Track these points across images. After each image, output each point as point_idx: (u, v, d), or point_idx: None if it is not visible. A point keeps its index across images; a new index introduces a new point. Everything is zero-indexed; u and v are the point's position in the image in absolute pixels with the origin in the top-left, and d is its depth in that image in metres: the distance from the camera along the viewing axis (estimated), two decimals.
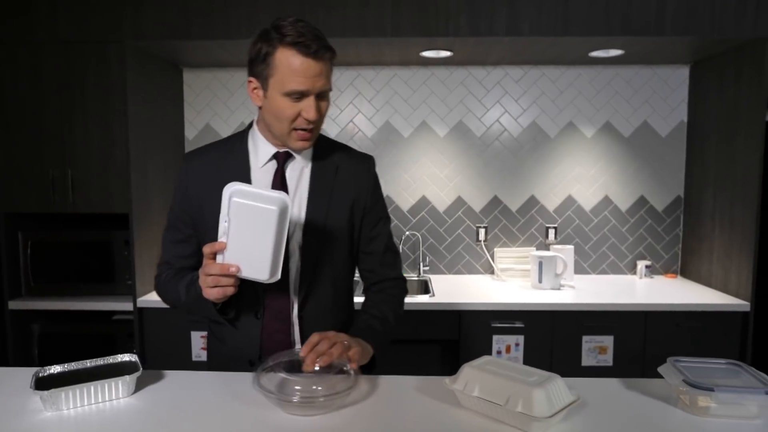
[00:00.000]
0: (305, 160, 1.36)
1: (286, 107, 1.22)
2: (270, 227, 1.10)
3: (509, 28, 2.51)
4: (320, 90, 1.22)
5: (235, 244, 1.12)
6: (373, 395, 1.15)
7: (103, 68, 2.58)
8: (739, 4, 2.48)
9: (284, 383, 1.09)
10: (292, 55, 1.18)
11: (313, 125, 1.26)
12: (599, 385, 1.21)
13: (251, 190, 1.12)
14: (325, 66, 1.22)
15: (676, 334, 2.59)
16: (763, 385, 1.03)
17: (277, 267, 1.14)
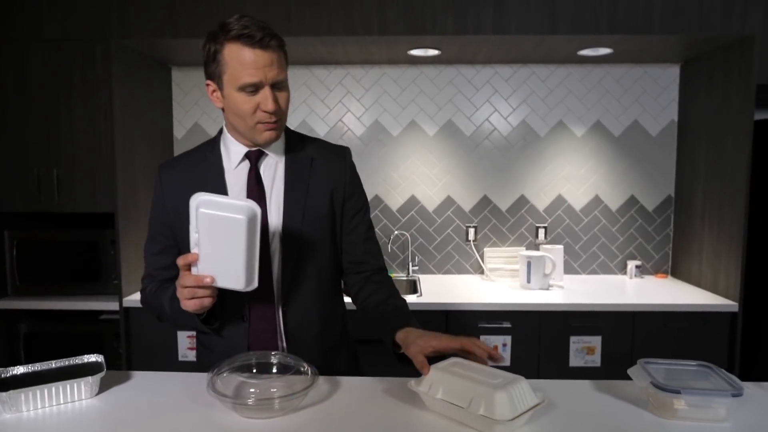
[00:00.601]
0: (278, 156, 1.36)
1: (243, 102, 1.22)
2: (240, 236, 1.09)
3: (496, 26, 2.50)
4: (274, 80, 1.22)
5: (208, 254, 1.11)
6: (333, 396, 1.14)
7: (89, 67, 2.57)
8: (726, 3, 2.47)
9: (241, 386, 1.07)
10: (238, 49, 1.19)
11: (276, 116, 1.25)
12: (570, 387, 1.20)
13: (218, 200, 1.10)
14: (274, 55, 1.21)
15: (664, 334, 2.57)
16: (731, 388, 1.02)
17: (252, 275, 1.13)
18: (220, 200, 1.10)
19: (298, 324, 1.34)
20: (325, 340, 1.39)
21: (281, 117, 1.27)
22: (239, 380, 1.08)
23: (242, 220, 1.08)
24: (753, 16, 2.47)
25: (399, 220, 3.19)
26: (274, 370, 1.11)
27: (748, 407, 1.09)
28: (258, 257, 1.14)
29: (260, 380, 1.08)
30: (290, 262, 1.32)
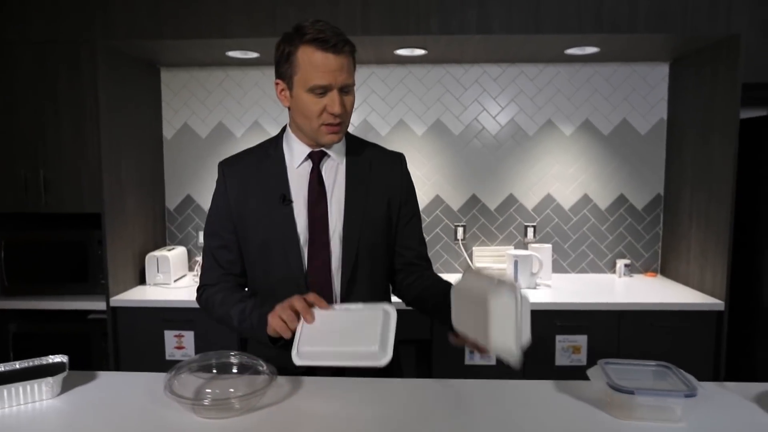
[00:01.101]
0: (339, 157, 1.39)
1: (312, 103, 1.26)
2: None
3: (480, 26, 2.50)
4: (342, 84, 1.25)
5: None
6: (292, 397, 1.15)
7: (75, 68, 2.59)
8: (711, 2, 2.46)
9: (200, 387, 1.08)
10: (312, 52, 1.23)
11: (340, 119, 1.28)
12: (531, 388, 1.20)
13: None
14: (345, 60, 1.25)
15: (650, 333, 2.57)
16: (686, 388, 1.02)
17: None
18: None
19: None
20: None
21: (345, 120, 1.31)
22: (198, 381, 1.09)
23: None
24: (738, 16, 2.46)
25: None
26: (234, 371, 1.12)
27: (706, 407, 1.09)
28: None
29: (218, 380, 1.09)
30: (349, 263, 1.35)
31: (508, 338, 1.02)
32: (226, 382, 1.09)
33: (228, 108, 3.17)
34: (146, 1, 2.53)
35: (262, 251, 1.36)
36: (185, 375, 1.10)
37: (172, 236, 3.25)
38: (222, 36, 2.55)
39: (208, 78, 3.16)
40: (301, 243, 1.33)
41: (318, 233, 1.34)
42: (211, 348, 2.65)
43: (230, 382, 1.09)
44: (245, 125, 3.18)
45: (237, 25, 2.54)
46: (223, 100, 3.17)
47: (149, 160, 3.03)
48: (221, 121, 3.18)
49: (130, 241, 2.82)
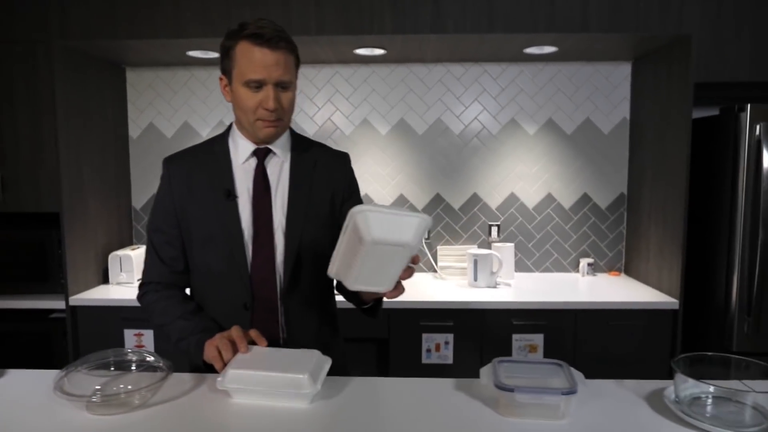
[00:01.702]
0: (284, 155, 1.42)
1: (247, 97, 1.28)
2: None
3: (434, 25, 2.51)
4: (277, 80, 1.27)
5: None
6: (194, 392, 1.16)
7: (31, 68, 2.60)
8: (662, 2, 2.46)
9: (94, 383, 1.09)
10: (248, 47, 1.26)
11: (276, 114, 1.30)
12: (425, 386, 1.21)
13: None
14: (282, 56, 1.27)
15: (607, 332, 2.57)
16: (569, 385, 1.03)
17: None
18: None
19: (297, 317, 1.41)
20: (320, 336, 1.46)
21: (282, 116, 1.33)
22: (96, 378, 1.10)
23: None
24: (689, 16, 2.47)
25: None
26: (132, 368, 1.13)
27: (595, 404, 1.10)
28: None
29: (113, 377, 1.10)
30: (291, 258, 1.38)
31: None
32: (124, 378, 1.10)
33: (193, 107, 3.18)
34: (101, 1, 2.54)
35: (206, 246, 1.38)
36: (81, 373, 1.11)
37: (138, 235, 3.26)
38: (178, 36, 2.56)
39: (173, 78, 3.17)
40: (245, 238, 1.36)
41: (262, 229, 1.36)
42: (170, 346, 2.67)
43: (129, 378, 1.10)
44: (210, 125, 3.19)
45: (193, 25, 2.55)
46: (188, 100, 3.18)
47: (114, 159, 3.04)
48: (187, 121, 3.19)
49: (92, 240, 2.84)
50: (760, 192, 2.30)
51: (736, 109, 2.36)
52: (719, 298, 2.51)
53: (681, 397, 1.05)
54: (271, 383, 1.10)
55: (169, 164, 1.42)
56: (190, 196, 1.37)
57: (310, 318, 1.44)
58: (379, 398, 1.16)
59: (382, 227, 1.03)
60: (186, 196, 1.38)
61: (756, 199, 2.32)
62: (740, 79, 2.53)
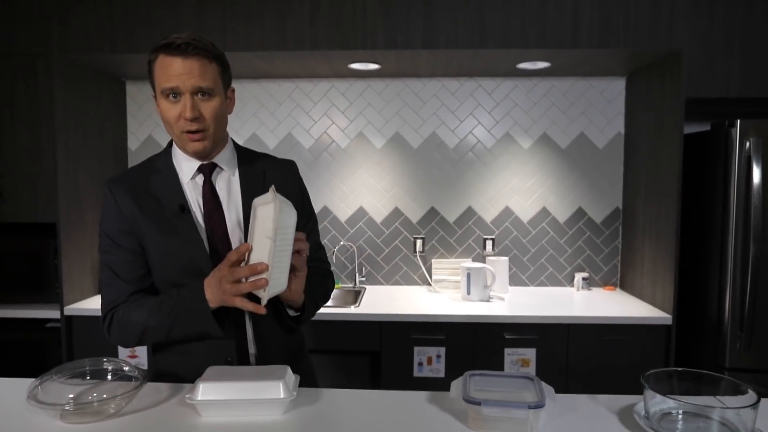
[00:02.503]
0: (231, 169, 1.40)
1: (168, 109, 1.27)
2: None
3: (426, 41, 2.54)
4: (193, 88, 1.25)
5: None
6: (169, 402, 1.17)
7: (31, 81, 2.65)
8: (652, 18, 2.48)
9: (68, 392, 1.10)
10: (162, 58, 1.26)
11: (200, 126, 1.27)
12: (400, 398, 1.21)
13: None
14: (195, 63, 1.25)
15: (598, 347, 2.57)
16: (537, 399, 1.03)
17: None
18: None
19: (265, 330, 1.38)
20: (288, 348, 1.45)
21: (207, 127, 1.29)
22: (71, 387, 1.11)
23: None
24: (679, 32, 2.48)
25: (347, 231, 3.22)
26: (108, 377, 1.14)
27: (566, 419, 1.10)
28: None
29: (87, 386, 1.11)
30: None
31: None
32: (99, 387, 1.12)
33: None
34: (100, 16, 2.59)
35: (168, 262, 1.34)
36: (56, 382, 1.12)
37: None
38: None
39: None
40: (207, 251, 1.32)
41: (219, 245, 1.34)
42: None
43: (103, 387, 1.12)
44: None
45: None
46: None
47: (112, 170, 3.08)
48: None
49: (88, 250, 2.86)
50: (750, 207, 2.30)
51: (727, 125, 2.37)
52: (712, 314, 2.50)
53: (651, 413, 1.05)
54: (245, 391, 1.10)
55: (112, 186, 1.37)
56: (141, 214, 1.33)
57: (276, 330, 1.40)
58: (351, 410, 1.16)
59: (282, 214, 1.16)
60: (137, 215, 1.33)
61: (747, 214, 2.32)
62: (731, 95, 2.54)
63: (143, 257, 1.36)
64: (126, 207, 1.34)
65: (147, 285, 1.37)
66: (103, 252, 1.37)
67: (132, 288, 1.35)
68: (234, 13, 2.57)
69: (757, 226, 2.29)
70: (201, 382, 1.12)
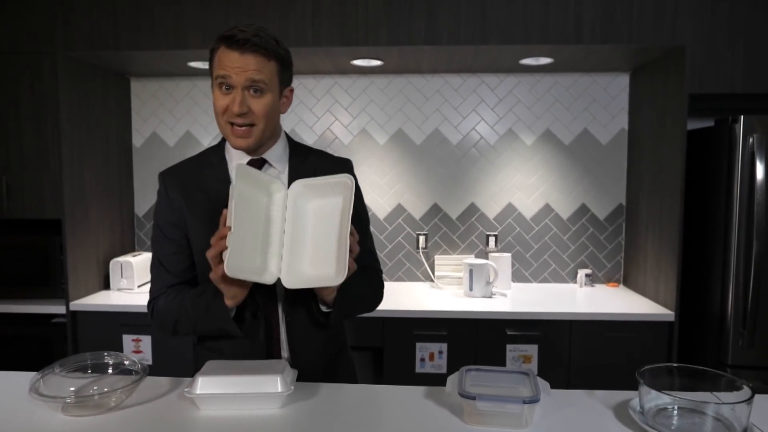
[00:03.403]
0: (281, 165, 1.40)
1: (218, 99, 1.27)
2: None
3: (427, 37, 2.54)
4: (246, 81, 1.24)
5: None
6: (169, 395, 1.18)
7: (36, 79, 2.67)
8: (656, 14, 2.47)
9: (69, 385, 1.12)
10: (222, 50, 1.26)
11: (247, 120, 1.27)
12: (398, 393, 1.22)
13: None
14: (252, 59, 1.24)
15: (601, 343, 2.56)
16: (532, 394, 1.04)
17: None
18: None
19: (301, 333, 1.36)
20: (327, 354, 1.44)
21: (255, 123, 1.28)
22: (70, 380, 1.13)
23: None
24: (683, 27, 2.47)
25: None
26: (109, 371, 1.16)
27: (562, 414, 1.10)
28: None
29: (88, 379, 1.13)
30: None
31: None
32: (100, 381, 1.13)
33: (195, 117, 3.24)
34: (105, 13, 2.61)
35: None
36: (57, 375, 1.14)
37: (140, 242, 3.32)
38: (178, 47, 2.62)
39: (176, 88, 3.23)
40: None
41: None
42: (168, 352, 2.70)
43: (104, 381, 1.13)
44: (212, 134, 3.24)
45: (192, 37, 2.61)
46: (190, 110, 3.24)
47: (117, 167, 3.10)
48: (189, 130, 3.25)
49: (94, 246, 2.89)
50: (753, 203, 2.29)
51: (730, 121, 2.36)
52: (715, 311, 2.49)
53: (645, 409, 1.05)
54: (243, 385, 1.12)
55: (165, 177, 1.40)
56: (190, 208, 1.35)
57: (313, 335, 1.38)
58: (348, 405, 1.17)
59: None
60: (185, 209, 1.36)
61: (750, 210, 2.31)
62: (735, 91, 2.52)
63: (188, 250, 1.38)
64: (176, 200, 1.37)
65: (190, 277, 1.39)
66: (153, 242, 1.42)
67: (175, 280, 1.38)
68: (237, 10, 2.58)
69: (761, 222, 2.28)
70: (200, 376, 1.13)
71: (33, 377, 1.11)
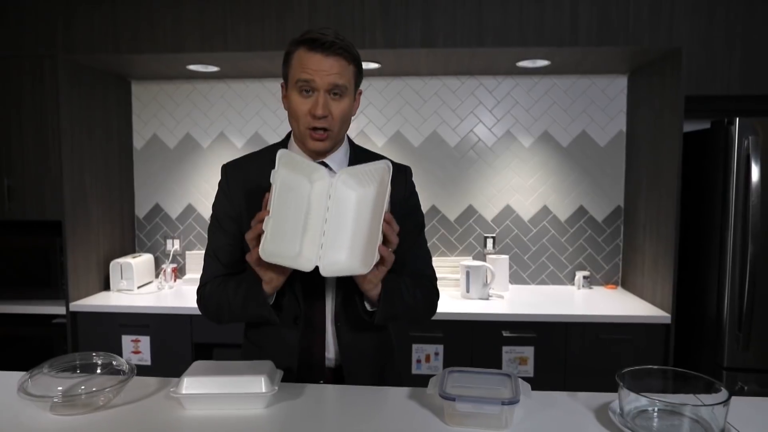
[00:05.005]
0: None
1: (299, 102, 1.26)
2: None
3: (424, 40, 2.55)
4: (329, 85, 1.24)
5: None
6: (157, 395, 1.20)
7: (38, 82, 2.71)
8: (653, 16, 2.47)
9: (57, 385, 1.14)
10: (304, 51, 1.25)
11: (326, 124, 1.26)
12: (381, 394, 1.23)
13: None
14: (335, 62, 1.24)
15: (597, 345, 2.56)
16: (512, 396, 1.05)
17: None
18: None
19: (350, 340, 1.36)
20: (376, 360, 1.44)
21: (333, 127, 1.28)
22: (58, 380, 1.15)
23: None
24: (679, 29, 2.47)
25: None
26: (98, 371, 1.17)
27: (542, 416, 1.11)
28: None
29: (77, 380, 1.14)
30: (345, 278, 1.30)
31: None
32: (88, 381, 1.15)
33: (195, 120, 3.27)
34: (104, 17, 2.64)
35: None
36: (46, 375, 1.16)
37: (141, 244, 3.34)
38: (177, 50, 2.65)
39: (176, 91, 3.26)
40: None
41: None
42: (167, 353, 2.72)
43: (92, 381, 1.15)
44: (211, 136, 3.27)
45: (190, 40, 2.64)
46: (190, 112, 3.27)
47: (117, 169, 3.13)
48: (189, 132, 3.28)
49: (94, 247, 2.92)
50: (749, 206, 2.28)
51: (726, 123, 2.35)
52: (711, 313, 2.48)
53: (625, 411, 1.06)
54: (228, 385, 1.13)
55: (228, 170, 1.41)
56: (247, 205, 1.34)
57: (363, 341, 1.38)
58: (331, 405, 1.19)
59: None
60: (243, 204, 1.36)
61: (745, 212, 2.30)
62: (732, 93, 2.52)
63: (241, 244, 1.35)
64: (235, 194, 1.37)
65: (240, 270, 1.37)
66: (209, 231, 1.43)
67: (225, 271, 1.38)
68: (235, 14, 2.61)
69: (756, 224, 2.28)
70: (185, 376, 1.15)
71: (21, 377, 1.13)
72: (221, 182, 1.41)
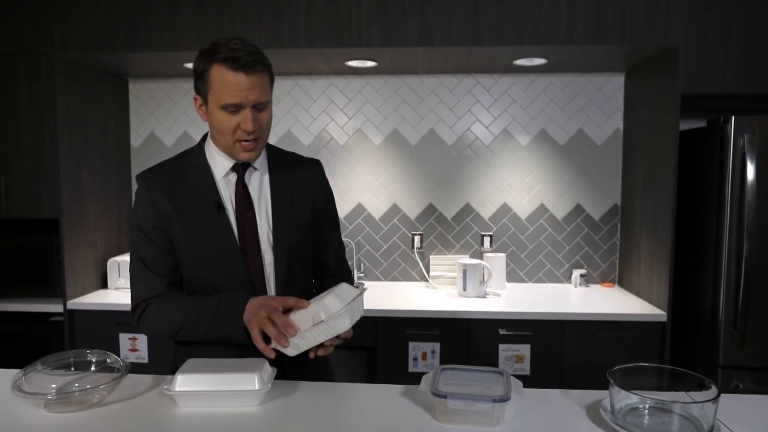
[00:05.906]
0: (263, 168, 1.45)
1: (225, 120, 1.29)
2: None
3: (420, 38, 2.55)
4: (255, 102, 1.28)
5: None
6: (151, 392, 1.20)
7: (35, 80, 2.71)
8: (649, 14, 2.47)
9: (51, 382, 1.15)
10: (224, 71, 1.25)
11: (255, 136, 1.31)
12: (376, 392, 1.24)
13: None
14: (258, 79, 1.27)
15: (593, 343, 2.57)
16: (503, 393, 1.05)
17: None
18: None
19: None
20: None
21: (261, 136, 1.33)
22: (52, 377, 1.15)
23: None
24: (675, 28, 2.47)
25: (346, 227, 3.25)
26: (92, 368, 1.18)
27: (534, 413, 1.12)
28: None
29: (71, 377, 1.15)
30: (281, 270, 1.40)
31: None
32: (82, 378, 1.16)
33: (192, 118, 3.27)
34: (101, 15, 2.64)
35: (201, 260, 1.36)
36: (40, 373, 1.16)
37: None
38: (173, 49, 2.65)
39: (173, 89, 3.26)
40: (239, 249, 1.36)
41: (249, 241, 1.37)
42: (164, 351, 2.73)
43: (86, 378, 1.16)
44: None
45: (187, 39, 2.64)
46: (187, 111, 3.27)
47: (115, 167, 3.13)
48: (186, 131, 3.28)
49: (91, 245, 2.92)
50: (744, 204, 2.29)
51: (722, 121, 2.36)
52: (707, 311, 2.49)
53: (616, 408, 1.06)
54: (221, 382, 1.14)
55: (146, 179, 1.38)
56: (174, 210, 1.35)
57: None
58: (324, 402, 1.19)
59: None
60: (170, 212, 1.35)
61: (741, 210, 2.31)
62: (728, 91, 2.52)
63: (173, 252, 1.38)
64: (160, 203, 1.36)
65: (177, 278, 1.40)
66: (133, 244, 1.40)
67: (164, 281, 1.37)
68: (231, 12, 2.60)
69: (751, 222, 2.28)
70: (179, 373, 1.15)
71: (15, 375, 1.13)
72: (140, 194, 1.39)
